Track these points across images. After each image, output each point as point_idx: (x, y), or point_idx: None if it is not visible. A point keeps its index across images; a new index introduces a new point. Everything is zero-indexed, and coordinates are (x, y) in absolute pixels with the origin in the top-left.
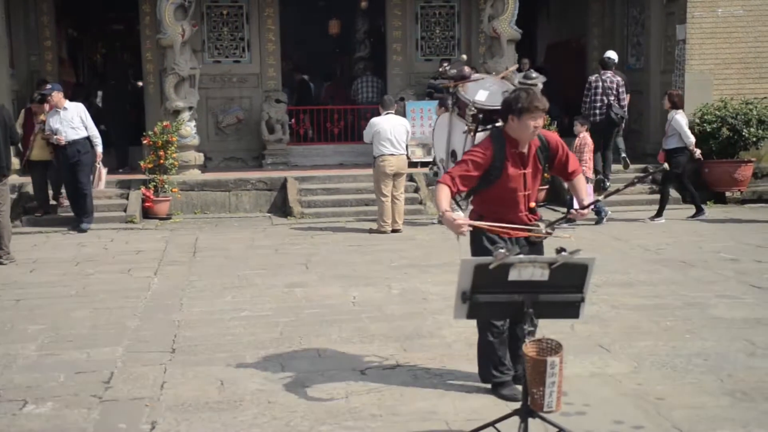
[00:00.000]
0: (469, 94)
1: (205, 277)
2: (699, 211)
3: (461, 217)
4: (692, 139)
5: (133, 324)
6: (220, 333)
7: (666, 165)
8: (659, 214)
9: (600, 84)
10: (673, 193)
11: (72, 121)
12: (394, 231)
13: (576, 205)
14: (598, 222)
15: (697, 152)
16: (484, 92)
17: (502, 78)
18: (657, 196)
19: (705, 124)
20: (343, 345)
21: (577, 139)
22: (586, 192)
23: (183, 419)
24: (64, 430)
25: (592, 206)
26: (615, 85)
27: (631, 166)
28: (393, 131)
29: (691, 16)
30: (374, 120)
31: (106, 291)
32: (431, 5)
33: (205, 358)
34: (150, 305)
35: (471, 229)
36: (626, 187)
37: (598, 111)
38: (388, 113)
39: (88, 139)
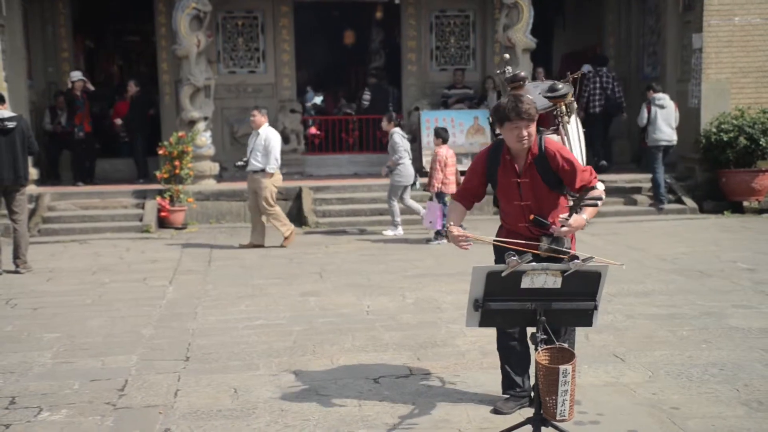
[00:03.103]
0: None
1: (219, 286)
2: None
3: (461, 230)
4: None
5: (147, 332)
6: (234, 341)
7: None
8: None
9: (598, 78)
10: (690, 203)
11: None
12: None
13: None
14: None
15: None
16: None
17: (551, 84)
18: (677, 205)
19: (722, 134)
20: (357, 353)
21: (434, 154)
22: (586, 211)
23: (196, 426)
24: None
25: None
26: (611, 79)
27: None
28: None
29: (707, 24)
30: (274, 132)
31: (121, 300)
32: (446, 15)
33: (218, 366)
34: (164, 314)
35: (470, 243)
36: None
37: (597, 102)
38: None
39: None
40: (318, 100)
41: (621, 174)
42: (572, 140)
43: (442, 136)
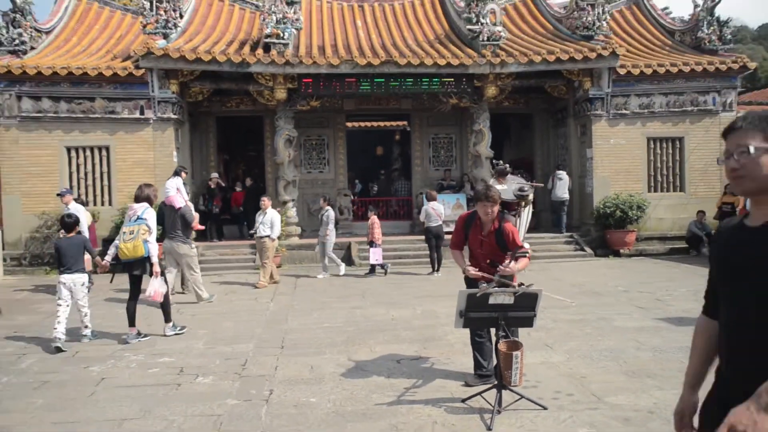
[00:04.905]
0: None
1: (301, 302)
2: (434, 270)
3: (476, 271)
4: (440, 222)
5: (258, 331)
6: (310, 337)
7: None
8: (437, 269)
9: (518, 175)
10: (588, 250)
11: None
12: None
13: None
14: (383, 273)
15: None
16: (501, 187)
17: (521, 186)
18: (581, 252)
19: (606, 208)
20: (386, 345)
21: (369, 221)
22: (515, 262)
23: (288, 388)
24: (219, 393)
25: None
26: (520, 176)
27: (564, 233)
28: None
29: (595, 144)
30: (276, 213)
31: (242, 310)
32: (438, 136)
33: (301, 352)
34: (268, 319)
35: (480, 274)
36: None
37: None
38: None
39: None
40: (359, 188)
41: (547, 234)
42: (522, 222)
43: (374, 211)
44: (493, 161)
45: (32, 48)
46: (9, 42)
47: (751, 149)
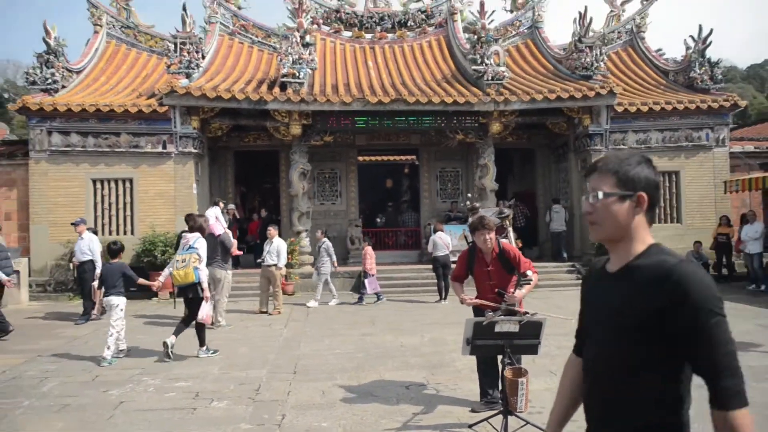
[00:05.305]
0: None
1: (313, 329)
2: (442, 298)
3: (472, 298)
4: (446, 252)
5: (272, 356)
6: (322, 362)
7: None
8: (444, 297)
9: (519, 209)
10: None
11: (82, 247)
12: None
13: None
14: (358, 302)
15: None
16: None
17: (499, 209)
18: (579, 281)
19: None
20: (395, 371)
21: (363, 252)
22: (520, 289)
23: (300, 413)
24: (233, 417)
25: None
26: (525, 208)
27: (565, 263)
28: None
29: None
30: (282, 242)
31: (257, 336)
32: (445, 170)
33: (313, 377)
34: (282, 345)
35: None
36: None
37: (521, 219)
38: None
39: (92, 261)
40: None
41: (549, 263)
42: (511, 241)
43: (368, 241)
44: (463, 203)
45: (63, 86)
46: (42, 81)
47: (600, 194)
